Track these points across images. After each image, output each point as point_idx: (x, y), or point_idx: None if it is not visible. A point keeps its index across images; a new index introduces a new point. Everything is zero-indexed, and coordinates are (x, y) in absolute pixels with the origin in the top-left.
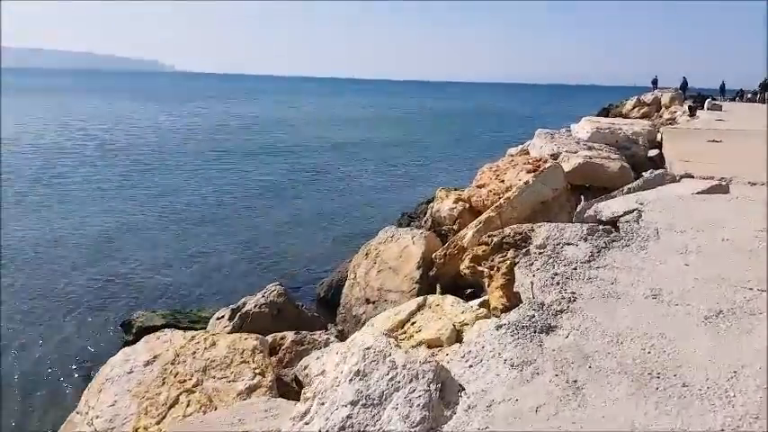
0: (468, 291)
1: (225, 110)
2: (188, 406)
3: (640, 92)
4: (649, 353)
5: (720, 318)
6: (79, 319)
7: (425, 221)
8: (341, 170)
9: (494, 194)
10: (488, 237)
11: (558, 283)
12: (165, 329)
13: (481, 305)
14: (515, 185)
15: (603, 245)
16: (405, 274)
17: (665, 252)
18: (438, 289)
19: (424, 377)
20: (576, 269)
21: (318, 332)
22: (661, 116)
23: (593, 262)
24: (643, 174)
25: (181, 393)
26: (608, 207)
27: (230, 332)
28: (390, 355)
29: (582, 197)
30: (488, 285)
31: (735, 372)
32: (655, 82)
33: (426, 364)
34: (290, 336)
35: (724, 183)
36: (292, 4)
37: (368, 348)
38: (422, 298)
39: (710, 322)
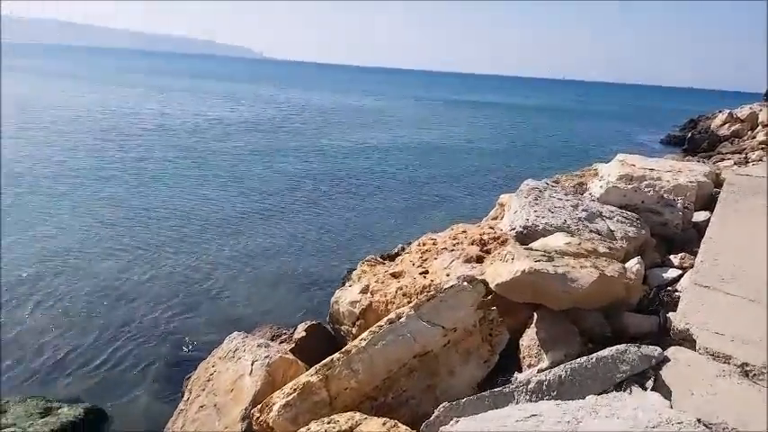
0: None
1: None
2: None
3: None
4: None
5: None
6: None
7: (330, 312)
8: (363, 181)
9: (403, 296)
10: None
11: None
12: None
13: None
14: (440, 284)
15: None
16: (225, 425)
17: None
18: None
19: None
20: None
21: None
22: (754, 137)
23: None
24: (671, 258)
25: None
26: None
27: None
28: None
29: (535, 316)
30: None
31: None
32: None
33: None
34: None
35: None
36: None
37: None
38: None
39: None
